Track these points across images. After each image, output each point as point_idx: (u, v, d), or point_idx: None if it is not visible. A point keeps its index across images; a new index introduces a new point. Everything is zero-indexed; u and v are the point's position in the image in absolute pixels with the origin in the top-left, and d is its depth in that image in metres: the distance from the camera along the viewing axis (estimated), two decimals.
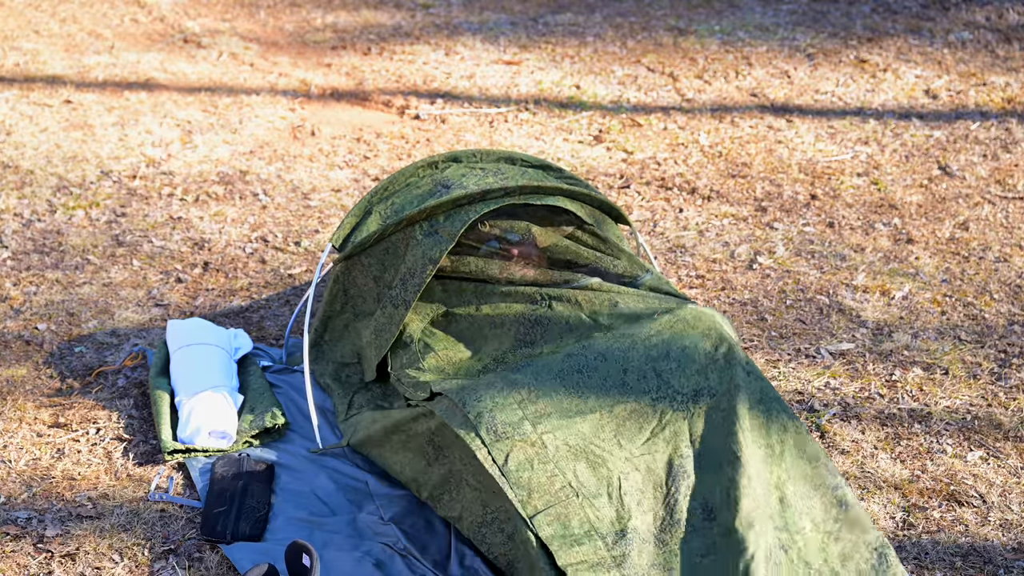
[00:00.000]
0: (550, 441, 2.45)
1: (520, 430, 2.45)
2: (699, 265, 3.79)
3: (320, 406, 3.02)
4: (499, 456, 2.41)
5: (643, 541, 2.38)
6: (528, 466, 2.41)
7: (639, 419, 2.52)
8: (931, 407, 3.06)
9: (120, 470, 2.82)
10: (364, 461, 2.82)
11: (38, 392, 3.13)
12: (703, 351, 2.62)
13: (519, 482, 2.38)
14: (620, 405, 2.54)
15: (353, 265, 3.07)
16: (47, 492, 2.73)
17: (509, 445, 2.42)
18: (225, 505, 2.63)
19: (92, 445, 2.91)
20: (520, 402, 2.50)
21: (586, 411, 2.52)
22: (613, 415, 2.52)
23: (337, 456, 2.85)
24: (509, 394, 2.51)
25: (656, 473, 2.48)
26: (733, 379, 2.57)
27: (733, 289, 3.64)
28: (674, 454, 2.50)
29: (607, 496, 2.42)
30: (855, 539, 2.45)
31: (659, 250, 3.89)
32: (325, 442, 2.88)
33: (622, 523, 2.39)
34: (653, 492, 2.46)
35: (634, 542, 2.37)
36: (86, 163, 4.52)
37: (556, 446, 2.45)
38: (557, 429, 2.47)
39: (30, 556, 2.52)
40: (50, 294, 3.62)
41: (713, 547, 2.38)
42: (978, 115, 4.91)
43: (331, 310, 3.16)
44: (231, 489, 2.68)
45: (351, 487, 2.74)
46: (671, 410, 2.54)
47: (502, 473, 2.39)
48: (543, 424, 2.47)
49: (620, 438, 2.50)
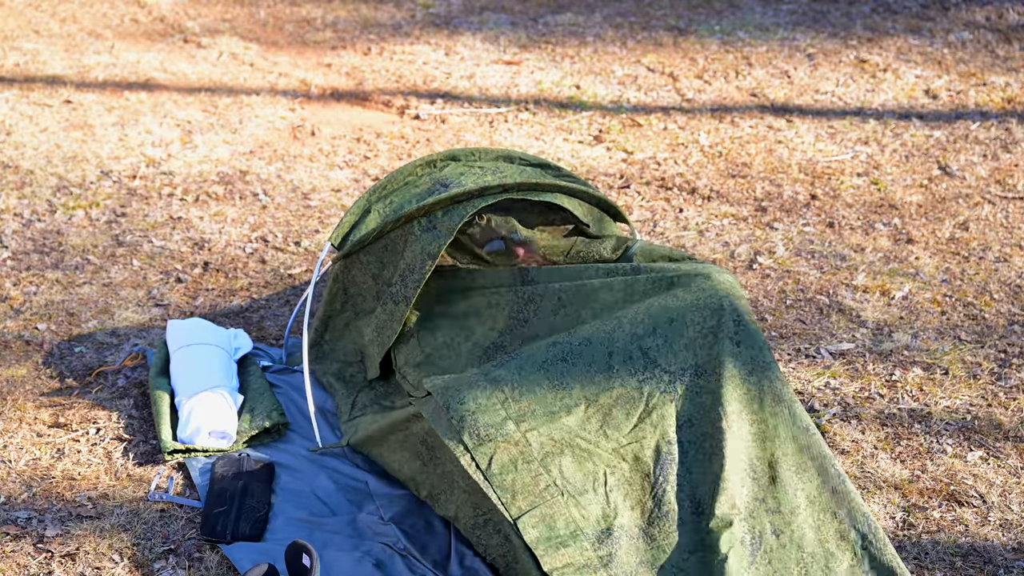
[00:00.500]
0: (534, 438, 2.44)
1: (503, 430, 2.44)
2: None
3: (321, 406, 3.02)
4: (483, 460, 2.40)
5: (631, 538, 2.38)
6: (512, 467, 2.40)
7: (626, 405, 2.50)
8: (931, 407, 3.06)
9: (120, 470, 2.82)
10: (364, 461, 2.82)
11: (38, 392, 3.13)
12: (693, 323, 2.57)
13: (503, 485, 2.37)
14: (606, 393, 2.51)
15: (352, 263, 3.07)
16: (47, 492, 2.73)
17: (492, 448, 2.41)
18: (225, 505, 2.63)
19: (92, 445, 2.91)
20: (503, 401, 2.48)
21: (571, 404, 2.50)
22: (599, 405, 2.50)
23: (337, 456, 2.85)
24: (492, 393, 2.49)
25: (644, 462, 2.46)
26: (720, 354, 2.53)
27: None
28: (661, 440, 2.48)
29: (593, 492, 2.41)
30: (851, 514, 2.44)
31: None
32: (325, 442, 2.89)
33: (608, 521, 2.38)
34: (641, 483, 2.45)
35: (621, 540, 2.36)
36: (86, 163, 4.52)
37: (541, 443, 2.44)
38: (542, 425, 2.46)
39: (30, 556, 2.52)
40: (50, 294, 3.62)
41: (701, 544, 2.37)
42: (978, 115, 4.91)
43: (331, 309, 3.16)
44: (231, 489, 2.68)
45: (351, 487, 2.73)
46: (658, 392, 2.51)
47: (485, 478, 2.39)
48: (527, 422, 2.46)
49: (607, 428, 2.48)
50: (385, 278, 3.01)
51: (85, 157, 4.57)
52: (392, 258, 2.99)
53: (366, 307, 3.10)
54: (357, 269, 3.07)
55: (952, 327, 3.43)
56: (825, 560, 2.39)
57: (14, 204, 4.19)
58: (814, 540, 2.42)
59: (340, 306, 3.15)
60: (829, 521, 2.44)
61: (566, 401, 2.51)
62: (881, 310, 3.52)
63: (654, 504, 2.43)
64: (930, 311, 3.52)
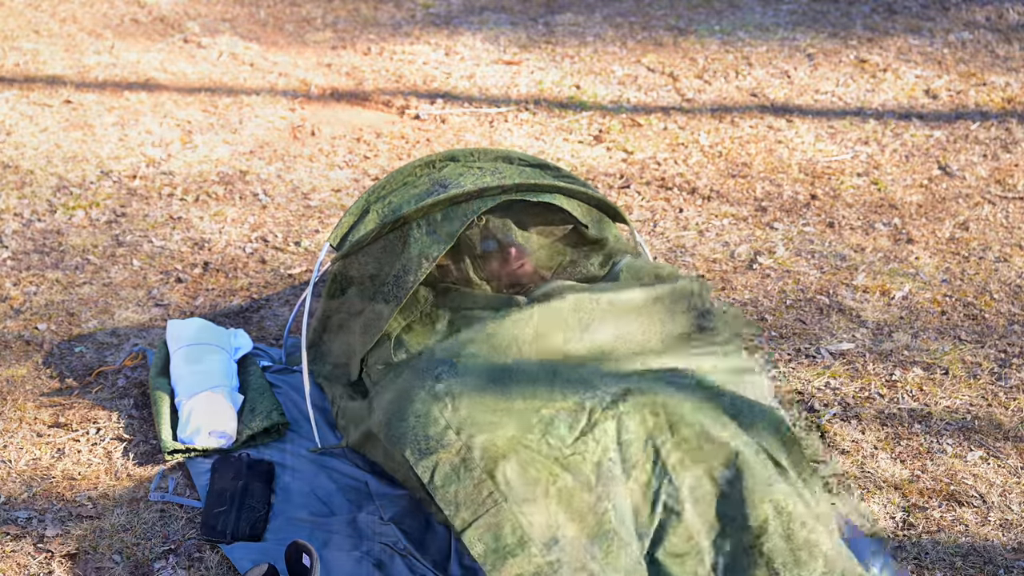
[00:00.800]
0: (477, 444, 2.43)
1: (444, 440, 2.43)
2: (699, 265, 3.79)
3: (319, 406, 3.02)
4: (424, 474, 2.40)
5: (575, 549, 2.33)
6: (454, 477, 2.38)
7: (568, 418, 2.51)
8: (931, 407, 3.06)
9: (120, 470, 2.82)
10: (364, 461, 2.82)
11: (38, 392, 3.13)
12: (638, 346, 2.70)
13: (446, 498, 2.37)
14: (548, 405, 2.53)
15: (350, 264, 3.07)
16: (47, 492, 2.73)
17: (435, 460, 2.41)
18: (225, 505, 2.63)
19: (92, 445, 2.91)
20: (443, 410, 2.49)
21: (513, 411, 2.50)
22: (540, 416, 2.51)
23: (337, 456, 2.85)
24: (433, 405, 2.51)
25: (585, 475, 2.44)
26: (660, 379, 2.61)
27: (733, 289, 3.64)
28: (603, 457, 2.46)
29: (535, 501, 2.37)
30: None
31: (659, 250, 3.89)
32: (324, 442, 2.89)
33: (552, 530, 2.34)
34: (583, 495, 2.41)
35: (566, 549, 2.32)
36: (86, 163, 4.52)
37: (483, 448, 2.42)
38: (483, 432, 2.45)
39: (30, 556, 2.52)
40: (50, 294, 3.62)
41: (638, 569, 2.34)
42: (978, 115, 4.91)
43: (328, 309, 3.16)
44: (231, 489, 2.68)
45: (351, 487, 2.73)
46: (600, 408, 2.52)
47: (428, 493, 2.40)
48: (467, 429, 2.45)
49: (548, 436, 2.47)
50: (381, 279, 3.01)
51: (85, 157, 4.57)
52: (390, 259, 2.99)
53: (360, 308, 3.10)
54: (355, 269, 3.06)
55: (952, 327, 3.43)
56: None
57: (14, 204, 4.19)
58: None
59: (337, 306, 3.15)
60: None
61: (508, 408, 2.51)
62: (881, 310, 3.52)
63: (595, 522, 2.38)
64: (930, 311, 3.52)
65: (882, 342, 3.35)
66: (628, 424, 2.50)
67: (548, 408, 2.52)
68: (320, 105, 5.13)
